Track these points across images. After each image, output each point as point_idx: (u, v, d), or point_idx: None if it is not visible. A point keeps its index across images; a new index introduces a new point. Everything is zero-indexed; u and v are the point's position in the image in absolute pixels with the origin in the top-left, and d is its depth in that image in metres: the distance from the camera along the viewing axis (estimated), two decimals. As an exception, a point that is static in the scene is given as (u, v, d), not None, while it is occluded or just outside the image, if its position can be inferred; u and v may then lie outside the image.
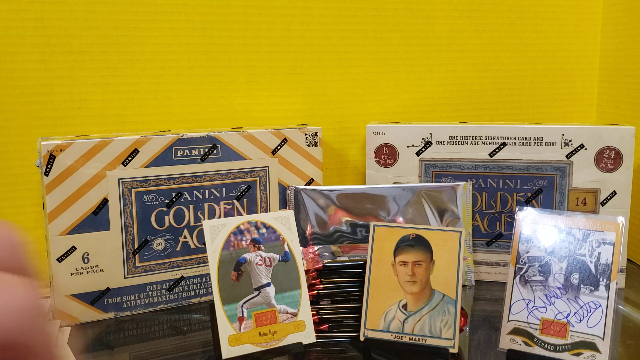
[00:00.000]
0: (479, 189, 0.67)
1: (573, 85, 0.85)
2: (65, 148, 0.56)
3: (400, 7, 0.77)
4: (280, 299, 0.47)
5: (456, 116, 0.81)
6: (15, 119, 0.64)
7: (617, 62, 0.81)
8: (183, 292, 0.62)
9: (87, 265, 0.58)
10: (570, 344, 0.45)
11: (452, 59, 0.80)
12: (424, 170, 0.68)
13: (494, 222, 0.68)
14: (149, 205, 0.59)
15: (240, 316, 0.45)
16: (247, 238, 0.47)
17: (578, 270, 0.47)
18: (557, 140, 0.65)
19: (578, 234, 0.47)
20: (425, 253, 0.49)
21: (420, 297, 0.48)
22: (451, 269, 0.48)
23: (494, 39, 0.81)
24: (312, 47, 0.74)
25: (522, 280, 0.48)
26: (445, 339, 0.47)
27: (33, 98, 0.64)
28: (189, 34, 0.69)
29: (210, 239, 0.46)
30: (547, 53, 0.83)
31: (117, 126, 0.67)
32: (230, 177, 0.63)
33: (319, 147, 0.67)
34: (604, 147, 0.64)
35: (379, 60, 0.77)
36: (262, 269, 0.47)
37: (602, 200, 0.65)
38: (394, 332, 0.48)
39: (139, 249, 0.59)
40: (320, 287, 0.52)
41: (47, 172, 0.55)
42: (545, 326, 0.46)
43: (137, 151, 0.58)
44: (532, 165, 0.66)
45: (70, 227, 0.57)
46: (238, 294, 0.46)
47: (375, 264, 0.49)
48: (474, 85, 0.81)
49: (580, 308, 0.46)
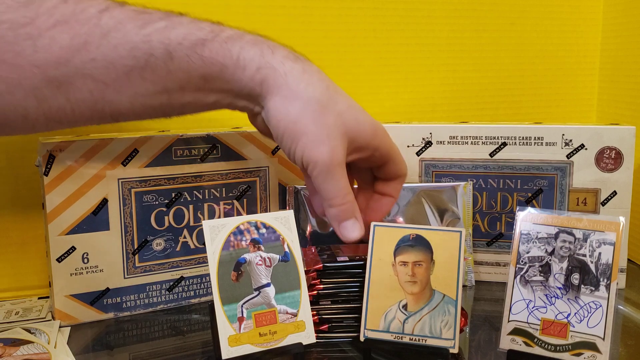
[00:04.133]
0: (479, 189, 0.67)
1: (573, 85, 0.85)
2: (65, 148, 0.56)
3: (400, 7, 0.77)
4: (280, 299, 0.47)
5: (456, 116, 0.81)
6: (14, 119, 0.64)
7: (617, 62, 0.81)
8: (183, 293, 0.62)
9: (86, 265, 0.57)
10: (570, 344, 0.45)
11: (452, 59, 0.80)
12: (424, 170, 0.68)
13: (494, 222, 0.68)
14: (148, 206, 0.59)
15: (240, 316, 0.45)
16: (247, 238, 0.47)
17: (578, 271, 0.46)
18: (557, 140, 0.65)
19: (578, 234, 0.47)
20: (426, 253, 0.49)
21: (421, 297, 0.48)
22: (451, 269, 0.48)
23: (494, 39, 0.81)
24: (312, 47, 0.74)
25: (522, 281, 0.48)
26: (445, 339, 0.47)
27: (33, 98, 0.64)
28: (189, 34, 0.69)
29: (210, 239, 0.46)
30: (547, 53, 0.83)
31: (117, 126, 0.67)
32: (230, 177, 0.62)
33: (319, 147, 0.67)
34: (604, 147, 0.64)
35: (379, 60, 0.77)
36: (262, 269, 0.47)
37: (603, 200, 0.65)
38: (394, 332, 0.48)
39: (138, 249, 0.59)
40: (320, 287, 0.52)
41: (46, 172, 0.55)
42: (545, 326, 0.46)
43: (137, 151, 0.58)
44: (532, 165, 0.66)
45: (70, 227, 0.56)
46: (238, 294, 0.46)
47: (376, 264, 0.49)
48: (474, 85, 0.81)
49: (580, 308, 0.46)
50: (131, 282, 0.59)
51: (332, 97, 0.49)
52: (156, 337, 0.57)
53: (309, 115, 0.48)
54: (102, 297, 0.58)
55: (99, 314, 0.59)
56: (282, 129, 0.48)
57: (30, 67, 0.43)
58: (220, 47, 0.47)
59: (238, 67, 0.47)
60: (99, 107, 0.46)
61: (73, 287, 0.57)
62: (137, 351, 0.54)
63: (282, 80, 0.48)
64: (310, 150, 0.48)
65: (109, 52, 0.44)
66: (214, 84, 0.48)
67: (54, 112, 0.45)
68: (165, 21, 0.46)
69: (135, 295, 0.60)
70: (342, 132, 0.49)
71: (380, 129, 0.52)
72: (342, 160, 0.49)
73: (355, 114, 0.50)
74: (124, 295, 0.59)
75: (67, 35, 0.43)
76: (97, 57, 0.44)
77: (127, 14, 0.45)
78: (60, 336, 0.54)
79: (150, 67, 0.45)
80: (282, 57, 0.48)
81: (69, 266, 0.57)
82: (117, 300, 0.59)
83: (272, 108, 0.48)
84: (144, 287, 0.60)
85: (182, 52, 0.46)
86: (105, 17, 0.44)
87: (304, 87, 0.48)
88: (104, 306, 0.59)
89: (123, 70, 0.45)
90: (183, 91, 0.47)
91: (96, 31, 0.44)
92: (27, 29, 0.42)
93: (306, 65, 0.49)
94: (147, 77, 0.46)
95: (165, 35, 0.45)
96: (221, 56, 0.47)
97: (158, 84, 0.46)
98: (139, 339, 0.56)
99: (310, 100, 0.48)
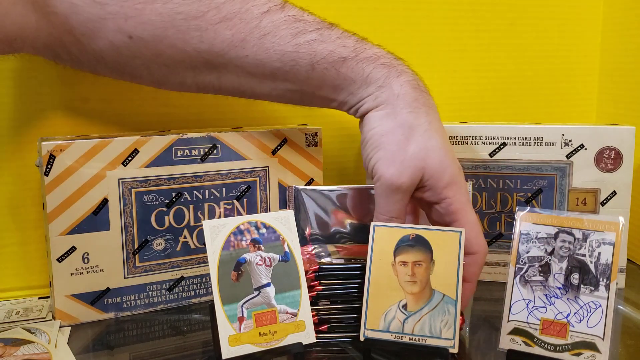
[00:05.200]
0: (479, 189, 0.67)
1: (573, 85, 0.85)
2: (65, 148, 0.56)
3: (400, 7, 0.77)
4: (280, 299, 0.47)
5: (456, 116, 0.81)
6: (15, 119, 0.64)
7: (617, 62, 0.81)
8: (183, 292, 0.62)
9: (87, 265, 0.58)
10: (570, 344, 0.45)
11: (452, 59, 0.80)
12: (424, 170, 0.68)
13: (494, 222, 0.68)
14: (148, 205, 0.59)
15: (240, 316, 0.45)
16: (247, 238, 0.47)
17: (578, 271, 0.47)
18: (557, 140, 0.65)
19: (578, 234, 0.47)
20: (426, 253, 0.49)
21: (420, 297, 0.48)
22: (451, 269, 0.48)
23: (494, 39, 0.81)
24: (312, 47, 0.74)
25: (522, 280, 0.48)
26: (445, 339, 0.47)
27: (33, 98, 0.64)
28: (189, 34, 0.69)
29: (210, 239, 0.46)
30: (547, 53, 0.83)
31: (117, 126, 0.67)
32: (230, 177, 0.63)
33: (319, 147, 0.67)
34: (604, 147, 0.64)
35: (379, 60, 0.77)
36: (262, 269, 0.47)
37: (602, 200, 0.65)
38: (394, 332, 0.48)
39: (138, 249, 0.59)
40: (320, 288, 0.52)
41: (47, 172, 0.55)
42: (545, 326, 0.46)
43: (137, 151, 0.58)
44: (532, 165, 0.66)
45: (70, 227, 0.57)
46: (238, 294, 0.46)
47: (375, 264, 0.49)
48: (474, 85, 0.81)
49: (580, 308, 0.46)
50: (131, 282, 0.60)
51: (427, 131, 0.52)
52: (156, 337, 0.57)
53: (396, 135, 0.52)
54: (102, 297, 0.59)
55: (100, 314, 0.59)
56: (369, 137, 0.53)
57: (194, 52, 0.52)
58: (356, 66, 0.53)
59: (364, 83, 0.54)
60: (242, 90, 0.56)
61: (73, 287, 0.57)
62: (137, 351, 0.54)
63: (392, 100, 0.53)
64: (381, 165, 0.52)
65: (262, 52, 0.52)
66: (340, 94, 0.55)
67: (204, 84, 0.56)
68: (317, 33, 0.53)
69: (135, 295, 0.60)
70: (419, 165, 0.51)
71: (459, 187, 0.52)
72: (406, 188, 0.51)
73: (442, 157, 0.52)
74: (124, 295, 0.59)
75: (229, 32, 0.51)
76: (250, 54, 0.52)
77: (285, 19, 0.52)
78: (61, 336, 0.54)
79: (293, 72, 0.53)
80: (404, 81, 0.53)
81: (69, 266, 0.57)
82: (117, 300, 0.59)
83: (371, 117, 0.54)
84: (144, 287, 0.60)
85: (323, 65, 0.53)
86: (265, 20, 0.52)
87: (406, 112, 0.52)
88: (105, 306, 0.59)
89: (270, 70, 0.53)
90: (314, 94, 0.56)
91: (255, 32, 0.51)
92: (197, 22, 0.51)
93: (421, 96, 0.54)
94: (288, 79, 0.54)
95: (313, 48, 0.52)
96: (354, 73, 0.53)
97: (296, 84, 0.55)
98: (139, 339, 0.57)
99: (404, 125, 0.52)
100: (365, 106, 0.54)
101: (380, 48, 0.56)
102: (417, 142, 0.51)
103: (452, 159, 0.52)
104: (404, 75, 0.54)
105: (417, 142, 0.51)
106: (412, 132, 0.52)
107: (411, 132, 0.52)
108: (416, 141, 0.51)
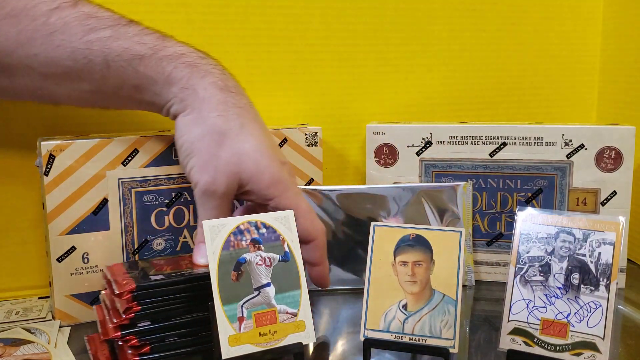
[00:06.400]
0: (479, 189, 0.67)
1: (573, 85, 0.85)
2: (65, 148, 0.56)
3: (400, 7, 0.77)
4: (280, 299, 0.47)
5: (456, 116, 0.81)
6: (15, 119, 0.64)
7: (617, 62, 0.81)
8: (183, 292, 0.62)
9: (87, 265, 0.58)
10: (570, 344, 0.45)
11: (452, 59, 0.80)
12: (424, 170, 0.68)
13: (494, 222, 0.68)
14: (148, 205, 0.59)
15: (240, 316, 0.45)
16: (247, 238, 0.47)
17: (578, 271, 0.47)
18: (557, 140, 0.65)
19: (578, 234, 0.47)
20: (426, 253, 0.49)
21: (421, 297, 0.48)
22: (451, 269, 0.48)
23: (494, 39, 0.81)
24: (312, 47, 0.74)
25: (522, 280, 0.48)
26: (445, 339, 0.47)
27: (33, 98, 0.64)
28: (189, 34, 0.68)
29: (210, 239, 0.46)
30: (547, 53, 0.83)
31: (117, 126, 0.67)
32: (230, 177, 0.62)
33: (319, 147, 0.67)
34: (604, 147, 0.64)
35: (379, 60, 0.77)
36: (262, 269, 0.47)
37: (603, 200, 0.65)
38: (394, 332, 0.48)
39: (138, 249, 0.59)
40: (138, 308, 0.48)
41: (47, 172, 0.55)
42: (545, 326, 0.46)
43: (137, 151, 0.58)
44: (532, 165, 0.66)
45: (70, 227, 0.56)
46: (238, 294, 0.46)
47: (375, 264, 0.49)
48: (474, 85, 0.81)
49: (580, 308, 0.46)
50: (131, 282, 0.59)
51: (240, 135, 0.51)
52: (156, 337, 0.57)
53: (206, 141, 0.50)
54: (102, 297, 0.58)
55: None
56: (181, 144, 0.52)
57: None
58: (155, 64, 0.50)
59: (166, 83, 0.51)
60: (39, 93, 0.52)
61: (73, 287, 0.57)
62: (137, 351, 0.54)
63: (197, 104, 0.51)
64: (195, 171, 0.51)
65: (51, 50, 0.48)
66: (145, 94, 0.52)
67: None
68: (111, 30, 0.49)
69: (135, 295, 0.60)
70: (234, 170, 0.50)
71: (282, 184, 0.51)
72: (222, 194, 0.50)
73: (258, 160, 0.50)
74: (124, 295, 0.59)
75: (14, 29, 0.47)
76: (40, 53, 0.48)
77: (77, 16, 0.49)
78: (61, 336, 0.54)
79: (88, 71, 0.50)
80: (209, 83, 0.51)
81: (69, 266, 0.57)
82: (117, 300, 0.59)
83: (179, 124, 0.52)
84: (144, 287, 0.60)
85: (119, 63, 0.50)
86: (54, 16, 0.48)
87: (214, 116, 0.50)
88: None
89: (62, 69, 0.49)
90: (117, 94, 0.52)
91: (42, 30, 0.48)
92: None
93: (230, 97, 0.52)
94: (83, 78, 0.50)
95: (107, 45, 0.49)
96: (154, 72, 0.51)
97: (92, 84, 0.51)
98: (139, 339, 0.56)
99: (214, 130, 0.50)
100: (173, 108, 0.52)
101: (185, 46, 0.52)
102: (229, 147, 0.50)
103: (270, 158, 0.51)
104: (209, 76, 0.51)
105: (230, 148, 0.50)
106: (222, 138, 0.50)
107: (222, 138, 0.50)
108: (228, 146, 0.50)
